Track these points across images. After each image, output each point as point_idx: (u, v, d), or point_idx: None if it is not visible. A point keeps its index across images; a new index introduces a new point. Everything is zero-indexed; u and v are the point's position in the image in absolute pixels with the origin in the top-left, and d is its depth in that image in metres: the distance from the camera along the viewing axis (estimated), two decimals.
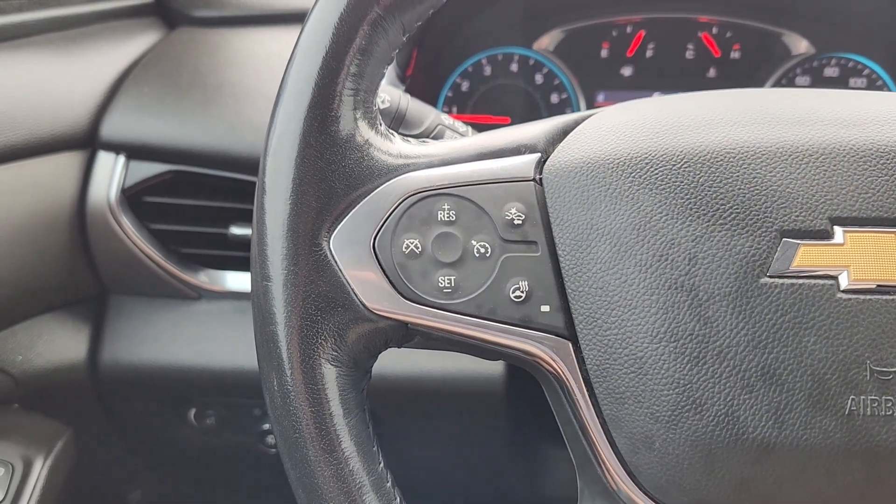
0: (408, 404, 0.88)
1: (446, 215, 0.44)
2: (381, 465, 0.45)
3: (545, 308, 0.44)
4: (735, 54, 0.95)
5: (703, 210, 0.42)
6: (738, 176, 0.43)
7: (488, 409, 0.86)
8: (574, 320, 0.44)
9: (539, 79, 0.96)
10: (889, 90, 0.94)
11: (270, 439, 0.96)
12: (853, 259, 0.41)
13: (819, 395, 0.41)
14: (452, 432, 0.93)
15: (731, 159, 0.43)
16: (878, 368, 0.41)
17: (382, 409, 0.88)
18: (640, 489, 0.43)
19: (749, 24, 0.94)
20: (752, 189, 0.42)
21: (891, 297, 0.41)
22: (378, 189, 0.44)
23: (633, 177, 0.44)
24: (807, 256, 0.42)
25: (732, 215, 0.42)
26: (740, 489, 0.42)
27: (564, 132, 0.47)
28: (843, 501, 0.42)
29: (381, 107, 0.61)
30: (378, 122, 0.46)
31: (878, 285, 0.41)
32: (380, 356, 0.46)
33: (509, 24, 0.95)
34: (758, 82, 0.95)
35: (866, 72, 0.94)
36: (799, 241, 0.42)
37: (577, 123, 0.48)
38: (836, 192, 0.42)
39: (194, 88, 0.86)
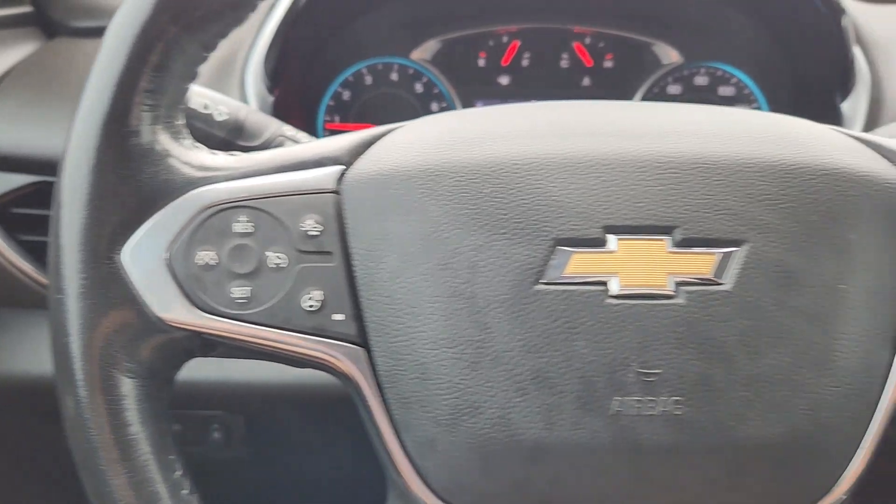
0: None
1: (243, 227, 0.45)
2: (179, 472, 0.46)
3: (339, 317, 0.45)
4: (608, 64, 0.98)
5: (486, 220, 0.44)
6: (519, 186, 0.44)
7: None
8: (366, 328, 0.45)
9: (419, 88, 0.98)
10: (755, 99, 0.98)
11: None
12: (623, 266, 0.43)
13: (587, 396, 0.42)
14: (321, 438, 0.94)
15: (515, 170, 0.45)
16: (642, 370, 0.43)
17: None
18: (431, 490, 0.45)
19: (620, 35, 0.97)
20: (531, 199, 0.44)
21: (656, 303, 0.43)
22: (175, 202, 0.45)
23: (424, 188, 0.45)
24: (579, 263, 0.43)
25: (512, 225, 0.44)
26: (516, 489, 0.44)
27: (368, 144, 0.49)
28: (615, 498, 0.44)
29: (218, 119, 0.62)
30: (182, 136, 0.47)
31: (645, 291, 0.43)
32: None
33: (388, 33, 0.96)
34: (630, 91, 0.97)
35: (734, 80, 0.98)
36: (573, 249, 0.43)
37: (382, 136, 0.49)
38: (612, 201, 0.44)
39: (64, 98, 0.86)
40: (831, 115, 0.87)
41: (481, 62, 0.98)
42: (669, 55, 0.97)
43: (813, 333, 0.44)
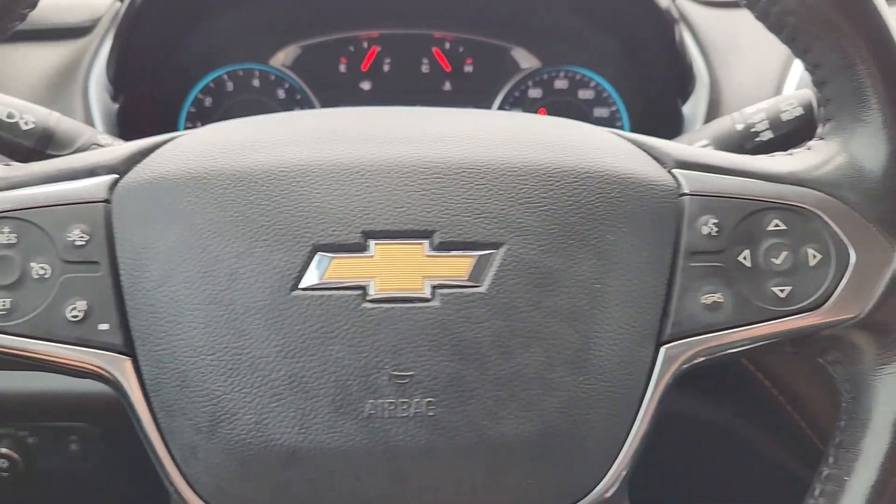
0: None
1: (6, 238, 0.45)
2: None
3: (104, 326, 0.45)
4: (468, 68, 0.99)
5: (248, 227, 0.44)
6: (284, 194, 0.45)
7: None
8: (132, 337, 0.45)
9: (281, 94, 0.98)
10: (614, 101, 1.00)
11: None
12: (381, 270, 0.44)
13: (342, 400, 0.43)
14: None
15: (280, 177, 0.45)
16: (395, 373, 0.43)
17: None
18: (198, 496, 0.45)
19: (479, 40, 0.98)
20: (294, 206, 0.45)
21: (411, 306, 0.44)
22: None
23: (190, 196, 0.45)
24: (338, 269, 0.44)
25: (273, 232, 0.44)
26: (275, 493, 0.44)
27: (147, 153, 0.49)
28: (372, 501, 0.44)
29: (25, 128, 0.61)
30: None
31: (401, 295, 0.44)
32: None
33: (245, 39, 0.96)
34: (490, 95, 0.99)
35: (592, 84, 1.00)
36: (333, 255, 0.44)
37: (162, 144, 0.49)
38: (374, 206, 0.45)
39: None
40: (676, 117, 0.89)
41: (342, 68, 0.98)
42: (528, 60, 0.99)
43: (568, 333, 0.45)
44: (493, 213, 0.45)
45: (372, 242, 0.44)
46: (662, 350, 0.47)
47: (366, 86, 0.99)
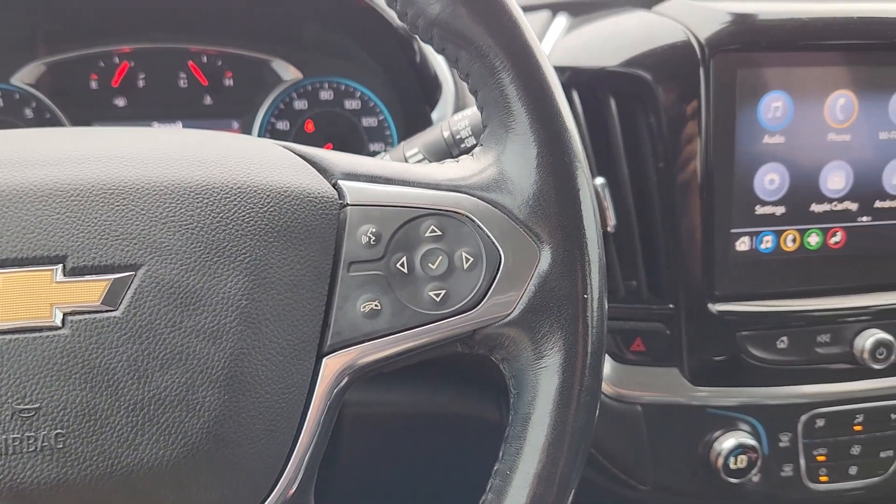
0: None
1: None
2: None
3: None
4: (228, 82, 0.98)
5: None
6: None
7: None
8: None
9: (29, 113, 0.93)
10: (381, 110, 1.01)
11: None
12: (5, 301, 0.42)
13: None
14: None
15: None
16: (20, 407, 0.42)
17: None
18: None
19: (238, 53, 0.97)
20: None
21: (38, 335, 0.42)
22: None
23: None
24: None
25: None
26: None
27: None
28: None
29: None
30: None
31: (26, 325, 0.42)
32: None
33: None
34: (253, 107, 0.98)
35: (358, 94, 1.00)
36: None
37: None
38: (2, 234, 0.43)
39: None
40: (429, 124, 0.91)
41: (93, 84, 0.95)
42: (290, 71, 0.99)
43: (212, 352, 0.44)
44: (130, 234, 0.44)
45: None
46: (324, 361, 0.48)
47: (120, 102, 0.96)
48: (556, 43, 0.88)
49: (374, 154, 0.98)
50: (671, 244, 0.84)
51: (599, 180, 0.84)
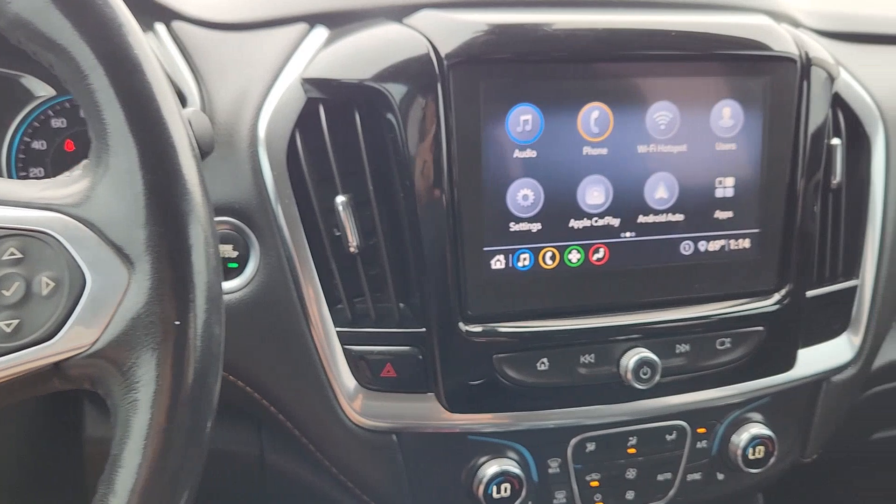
0: None
1: None
2: None
3: None
4: None
5: None
6: None
7: None
8: None
9: None
10: None
11: None
12: None
13: None
14: None
15: None
16: None
17: None
18: None
19: None
20: None
21: None
22: None
23: None
24: None
25: None
26: None
27: None
28: None
29: None
30: None
31: None
32: None
33: None
34: (4, 125, 0.92)
35: None
36: None
37: None
38: None
39: None
40: None
41: None
42: (43, 88, 0.93)
43: None
44: None
45: None
46: None
47: None
48: (314, 56, 0.84)
49: None
50: (420, 265, 0.80)
51: (341, 199, 0.80)
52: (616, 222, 0.85)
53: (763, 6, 0.93)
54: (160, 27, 0.87)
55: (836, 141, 0.94)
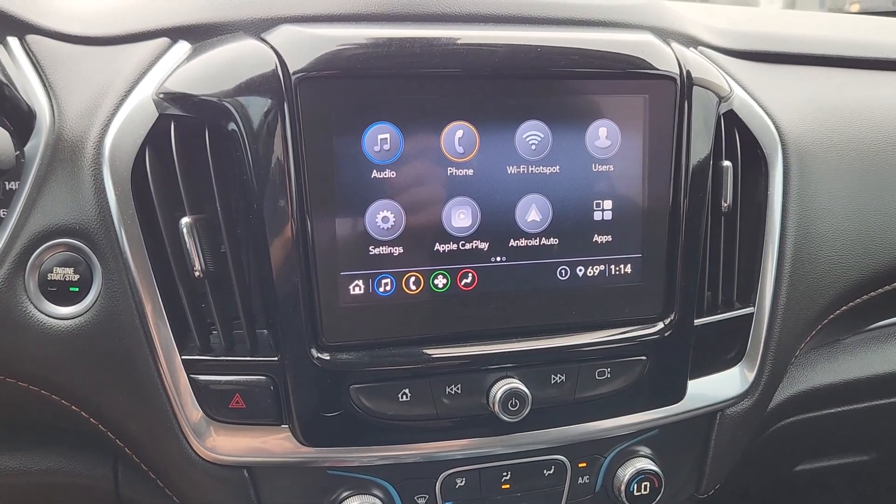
0: None
1: None
2: None
3: None
4: None
5: None
6: None
7: None
8: None
9: None
10: None
11: None
12: None
13: None
14: None
15: None
16: None
17: None
18: None
19: None
20: None
21: None
22: None
23: None
24: None
25: None
26: None
27: None
28: None
29: None
30: None
31: None
32: None
33: None
34: None
35: None
36: None
37: None
38: None
39: None
40: None
41: None
42: None
43: None
44: None
45: None
46: None
47: None
48: (171, 71, 0.80)
49: None
50: (271, 289, 0.76)
51: (186, 220, 0.77)
52: (485, 246, 0.81)
53: (649, 23, 0.89)
54: (13, 41, 0.83)
55: (727, 163, 0.90)
